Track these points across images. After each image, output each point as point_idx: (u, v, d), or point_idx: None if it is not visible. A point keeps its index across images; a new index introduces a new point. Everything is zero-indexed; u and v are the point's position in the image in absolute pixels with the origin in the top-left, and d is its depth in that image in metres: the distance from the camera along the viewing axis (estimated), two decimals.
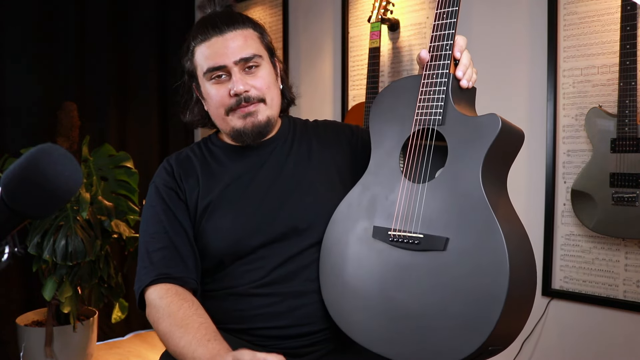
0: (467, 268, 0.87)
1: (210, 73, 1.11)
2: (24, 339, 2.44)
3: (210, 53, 1.10)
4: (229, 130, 1.16)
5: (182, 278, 1.08)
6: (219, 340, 0.95)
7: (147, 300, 1.08)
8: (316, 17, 2.79)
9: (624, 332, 1.82)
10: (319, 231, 1.13)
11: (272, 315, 1.11)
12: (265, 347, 1.11)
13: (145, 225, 1.15)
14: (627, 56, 1.64)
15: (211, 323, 1.01)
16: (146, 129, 3.20)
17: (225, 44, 1.10)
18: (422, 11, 2.31)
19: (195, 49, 1.13)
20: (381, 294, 0.98)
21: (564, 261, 1.95)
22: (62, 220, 2.31)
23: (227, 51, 1.10)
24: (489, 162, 0.91)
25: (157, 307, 1.04)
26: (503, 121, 0.91)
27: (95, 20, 2.94)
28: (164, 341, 1.02)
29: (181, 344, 0.97)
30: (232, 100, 1.11)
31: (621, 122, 1.66)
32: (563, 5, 1.92)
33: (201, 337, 0.96)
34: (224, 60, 1.10)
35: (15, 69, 2.67)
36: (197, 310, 1.03)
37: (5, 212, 0.57)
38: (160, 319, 1.02)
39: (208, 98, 1.15)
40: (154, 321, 1.05)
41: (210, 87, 1.13)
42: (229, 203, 1.14)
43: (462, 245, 0.89)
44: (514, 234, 0.89)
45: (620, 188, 1.67)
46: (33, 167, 0.58)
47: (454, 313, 0.87)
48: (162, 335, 1.02)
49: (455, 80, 0.99)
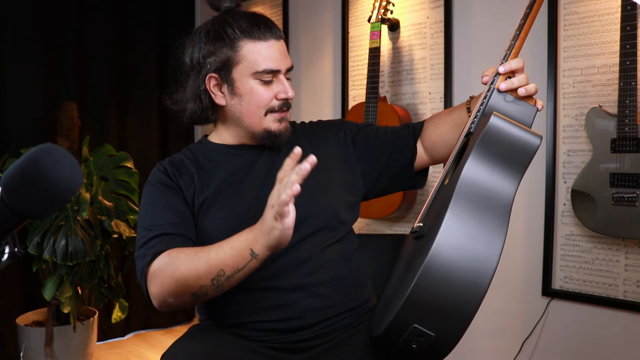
0: (424, 248, 0.88)
1: (263, 74, 1.13)
2: (24, 339, 2.44)
3: (270, 55, 1.13)
4: (259, 130, 1.17)
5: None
6: (238, 234, 0.98)
7: (153, 269, 1.03)
8: (316, 17, 2.79)
9: (624, 332, 1.82)
10: (312, 224, 1.14)
11: (271, 309, 1.11)
12: (264, 342, 1.11)
13: (143, 221, 1.12)
14: (627, 56, 1.64)
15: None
16: (146, 129, 3.20)
17: (281, 49, 1.16)
18: (422, 11, 2.31)
19: (244, 43, 1.13)
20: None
21: (564, 261, 1.95)
22: (62, 220, 2.31)
23: (283, 57, 1.15)
24: (480, 155, 0.91)
25: (167, 260, 1.02)
26: (498, 121, 0.92)
27: (95, 20, 2.94)
28: (190, 278, 0.99)
29: (212, 257, 0.98)
30: (277, 103, 1.16)
31: (621, 122, 1.66)
32: (563, 5, 1.92)
33: (223, 243, 0.99)
34: (280, 65, 1.14)
35: (16, 69, 2.66)
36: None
37: (5, 212, 0.57)
38: (177, 264, 1.00)
39: (248, 95, 1.15)
40: (171, 273, 1.00)
41: (256, 85, 1.14)
42: (225, 197, 1.15)
43: (432, 228, 0.91)
44: (468, 223, 0.86)
45: (620, 188, 1.67)
46: (33, 167, 0.58)
47: (404, 284, 0.90)
48: (187, 272, 0.99)
49: (504, 97, 1.00)
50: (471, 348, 2.18)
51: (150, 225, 1.10)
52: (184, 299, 1.01)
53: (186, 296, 1.00)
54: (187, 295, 1.00)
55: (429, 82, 2.29)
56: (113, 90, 3.04)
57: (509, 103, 0.99)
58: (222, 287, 0.99)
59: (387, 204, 2.22)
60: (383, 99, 2.33)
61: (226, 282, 0.98)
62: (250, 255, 0.95)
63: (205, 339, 1.12)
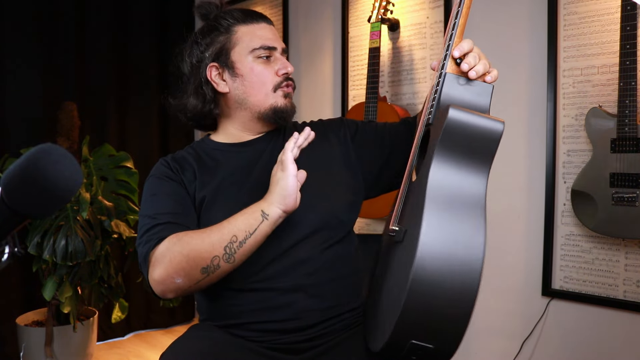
0: (404, 257, 0.89)
1: (261, 50, 1.18)
2: (24, 339, 2.44)
3: (263, 34, 1.20)
4: (265, 108, 1.20)
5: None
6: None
7: (159, 251, 1.02)
8: (316, 17, 2.79)
9: (624, 332, 1.82)
10: (312, 224, 1.14)
11: (270, 310, 1.11)
12: (262, 342, 1.11)
13: (147, 211, 1.11)
14: (627, 56, 1.64)
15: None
16: (146, 129, 3.20)
17: (273, 32, 1.23)
18: (422, 11, 2.31)
19: (237, 27, 1.19)
20: (382, 287, 1.02)
21: (564, 261, 1.95)
22: (62, 220, 2.31)
23: (275, 37, 1.22)
24: (444, 153, 0.89)
25: (175, 240, 1.01)
26: (457, 113, 0.89)
27: (95, 20, 2.94)
28: (203, 249, 0.98)
29: (224, 226, 1.00)
30: (279, 78, 1.20)
31: (621, 122, 1.66)
32: (563, 5, 1.92)
33: (234, 215, 1.03)
34: (275, 43, 1.21)
35: (16, 69, 2.66)
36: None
37: (5, 212, 0.57)
38: (187, 241, 1.00)
39: (250, 74, 1.19)
40: (180, 250, 0.99)
41: (256, 64, 1.19)
42: (224, 196, 1.15)
43: (409, 235, 0.90)
44: (445, 230, 0.85)
45: (620, 188, 1.67)
46: (33, 167, 0.58)
47: (392, 298, 0.91)
48: (199, 245, 0.99)
49: (457, 80, 0.98)
50: (471, 348, 2.18)
51: (154, 213, 1.09)
52: (194, 277, 0.99)
53: (196, 273, 0.98)
54: (197, 271, 0.98)
55: (429, 82, 2.29)
56: (113, 90, 3.04)
57: (462, 86, 0.97)
58: (234, 257, 0.99)
59: (387, 204, 2.22)
60: (383, 99, 2.33)
61: (239, 249, 0.98)
62: (261, 216, 0.99)
63: (204, 338, 1.12)
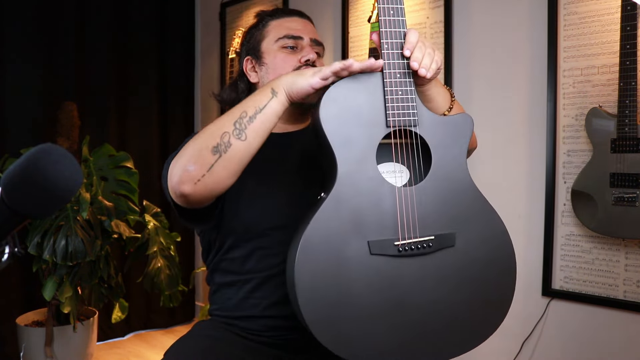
0: (476, 256, 0.99)
1: (285, 39, 1.18)
2: (24, 339, 2.43)
3: (291, 25, 1.21)
4: None
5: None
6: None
7: (179, 154, 1.00)
8: (316, 17, 2.78)
9: (624, 332, 1.82)
10: None
11: (281, 305, 1.11)
12: (269, 338, 1.13)
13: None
14: (627, 56, 1.64)
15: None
16: (146, 129, 3.20)
17: (305, 24, 1.24)
18: (422, 11, 2.31)
19: (270, 22, 1.22)
20: (393, 307, 0.94)
21: (564, 261, 1.95)
22: (62, 220, 2.31)
23: (305, 28, 1.22)
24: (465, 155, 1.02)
25: (192, 138, 1.01)
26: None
27: (96, 20, 2.94)
28: (214, 129, 0.98)
29: (235, 106, 1.00)
30: (300, 65, 1.18)
31: (621, 122, 1.66)
32: (563, 5, 1.92)
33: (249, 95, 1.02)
34: (301, 33, 1.20)
35: (15, 69, 2.66)
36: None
37: (5, 212, 0.57)
38: (200, 131, 1.00)
39: (273, 62, 1.19)
40: (194, 139, 0.99)
41: (281, 53, 1.19)
42: (257, 184, 1.14)
43: (468, 236, 0.98)
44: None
45: (620, 188, 1.67)
46: (33, 167, 0.58)
47: (468, 303, 0.98)
48: (210, 127, 0.99)
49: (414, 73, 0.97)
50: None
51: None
52: (206, 160, 0.95)
53: (207, 154, 0.95)
54: (208, 152, 0.95)
55: None
56: (113, 90, 3.04)
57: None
58: (245, 132, 0.96)
59: None
60: None
61: (249, 124, 0.96)
62: (271, 92, 0.98)
63: (208, 337, 1.12)
